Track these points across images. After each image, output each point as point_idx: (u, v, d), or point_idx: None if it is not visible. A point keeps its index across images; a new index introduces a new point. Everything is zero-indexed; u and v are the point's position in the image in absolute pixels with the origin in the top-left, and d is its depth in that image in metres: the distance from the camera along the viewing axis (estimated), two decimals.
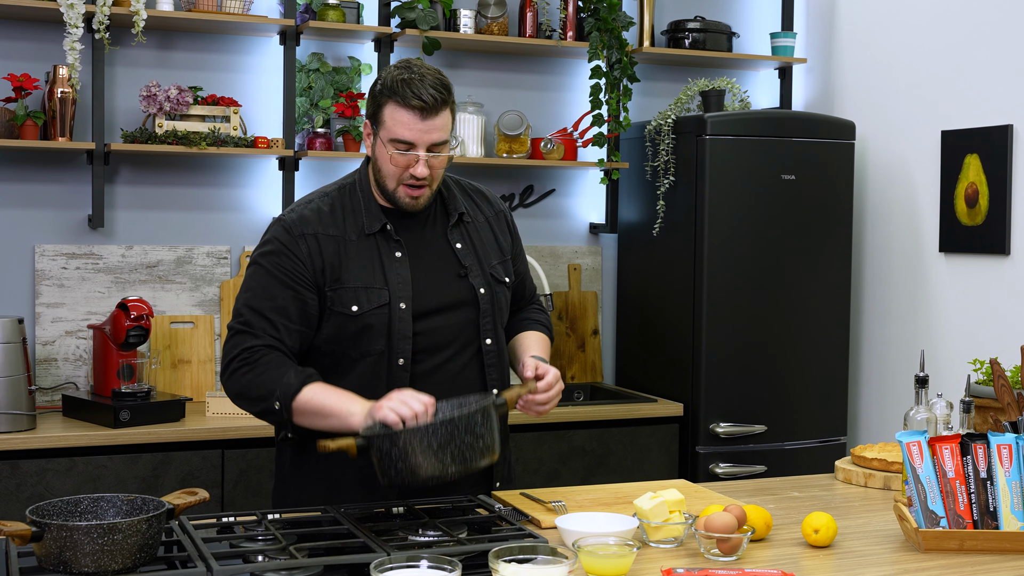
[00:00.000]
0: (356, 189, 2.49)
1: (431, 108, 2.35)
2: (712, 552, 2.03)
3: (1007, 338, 3.82)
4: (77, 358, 3.89)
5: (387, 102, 2.37)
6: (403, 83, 2.35)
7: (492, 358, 2.50)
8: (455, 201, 2.54)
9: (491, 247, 2.57)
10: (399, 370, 2.39)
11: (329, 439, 2.14)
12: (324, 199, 2.48)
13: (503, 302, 2.55)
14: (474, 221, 2.57)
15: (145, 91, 3.81)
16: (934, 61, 4.19)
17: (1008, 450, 2.13)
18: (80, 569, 1.76)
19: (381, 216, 2.45)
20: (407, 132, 2.35)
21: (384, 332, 2.38)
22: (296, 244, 2.39)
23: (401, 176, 2.39)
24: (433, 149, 2.38)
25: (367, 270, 2.40)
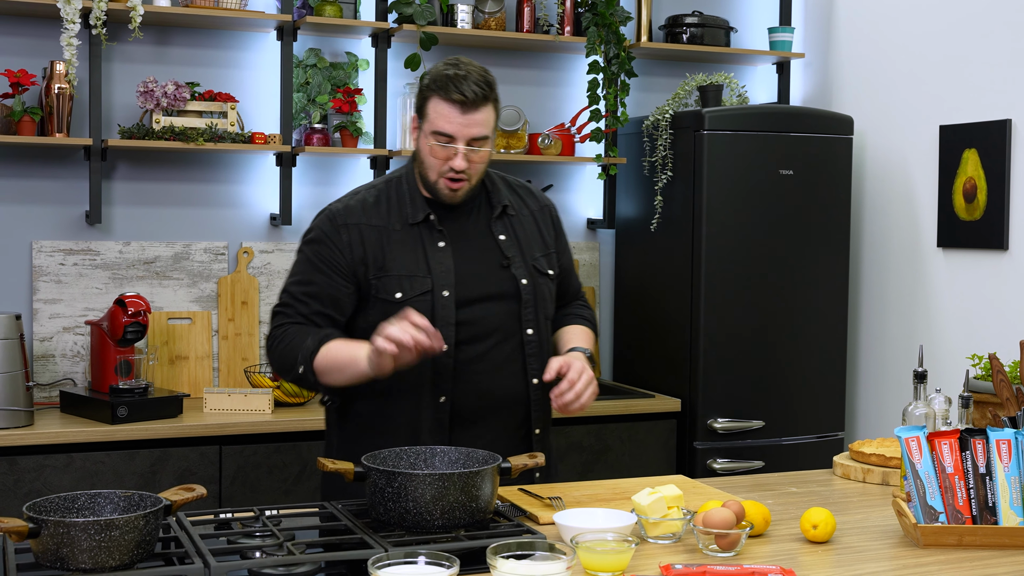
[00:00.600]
0: (403, 182, 2.58)
1: (472, 103, 2.43)
2: (710, 548, 2.03)
3: (1006, 333, 3.82)
4: (75, 354, 3.89)
5: (431, 96, 2.45)
6: (447, 78, 2.43)
7: (533, 348, 2.56)
8: (499, 194, 2.61)
9: (535, 240, 2.63)
10: (442, 357, 2.45)
11: (330, 460, 2.15)
12: (371, 191, 2.58)
13: (546, 294, 2.61)
14: (518, 214, 2.63)
15: (142, 87, 3.80)
16: (932, 56, 4.18)
17: (1007, 445, 2.13)
18: (77, 565, 1.75)
19: (425, 207, 2.53)
20: (447, 125, 2.43)
21: (429, 317, 2.42)
22: (337, 234, 2.50)
23: (441, 168, 2.47)
24: (473, 143, 2.46)
25: (410, 259, 2.49)
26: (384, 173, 4.19)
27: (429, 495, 2.01)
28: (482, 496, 2.06)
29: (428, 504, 2.01)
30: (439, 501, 2.01)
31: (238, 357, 4.06)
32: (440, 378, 2.47)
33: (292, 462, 3.60)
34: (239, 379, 4.04)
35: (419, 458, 2.23)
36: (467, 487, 2.03)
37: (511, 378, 2.54)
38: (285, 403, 3.80)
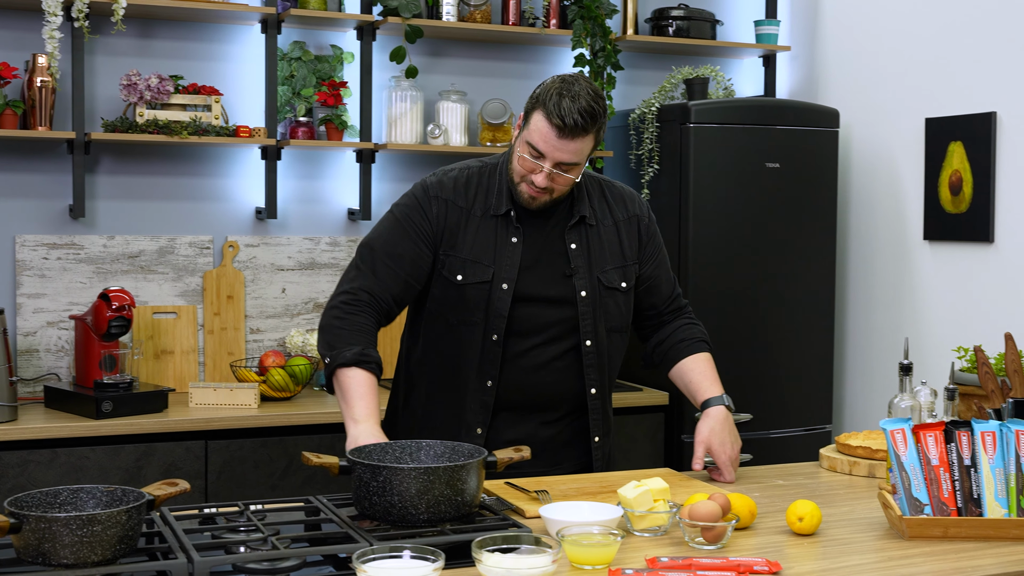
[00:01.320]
0: (496, 171, 2.63)
1: (570, 131, 2.45)
2: (697, 540, 2.02)
3: (991, 325, 3.82)
4: (59, 349, 3.87)
5: (538, 109, 2.49)
6: (557, 97, 2.45)
7: (591, 359, 2.63)
8: (583, 203, 2.64)
9: (611, 252, 2.66)
10: (492, 345, 2.56)
11: (314, 454, 2.15)
12: (464, 171, 2.65)
13: (612, 307, 2.65)
14: (599, 224, 2.66)
15: (125, 80, 3.78)
16: (918, 49, 4.19)
17: (992, 437, 2.13)
18: (59, 561, 1.74)
19: (509, 202, 2.59)
20: (541, 143, 2.48)
21: (482, 307, 2.55)
22: (429, 203, 2.59)
23: (524, 176, 2.53)
24: (561, 167, 2.49)
25: (480, 246, 2.57)
26: (369, 167, 4.18)
27: (414, 489, 2.00)
28: (467, 490, 2.05)
29: (413, 498, 2.00)
30: (424, 495, 2.00)
31: (224, 351, 4.04)
32: (489, 364, 2.57)
33: (278, 457, 3.59)
34: (225, 373, 4.02)
35: (404, 452, 2.22)
36: (452, 481, 2.02)
37: (563, 381, 2.62)
38: (271, 397, 3.79)
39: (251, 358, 4.05)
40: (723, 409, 2.61)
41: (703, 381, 2.68)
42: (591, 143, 2.50)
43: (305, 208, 4.21)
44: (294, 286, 4.17)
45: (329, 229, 4.25)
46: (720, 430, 2.57)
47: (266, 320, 4.13)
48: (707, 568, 1.87)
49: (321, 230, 4.23)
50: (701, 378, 2.68)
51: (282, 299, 4.15)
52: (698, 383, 2.68)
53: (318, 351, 2.63)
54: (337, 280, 4.20)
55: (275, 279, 4.15)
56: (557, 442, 2.66)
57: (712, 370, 2.71)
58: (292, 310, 4.17)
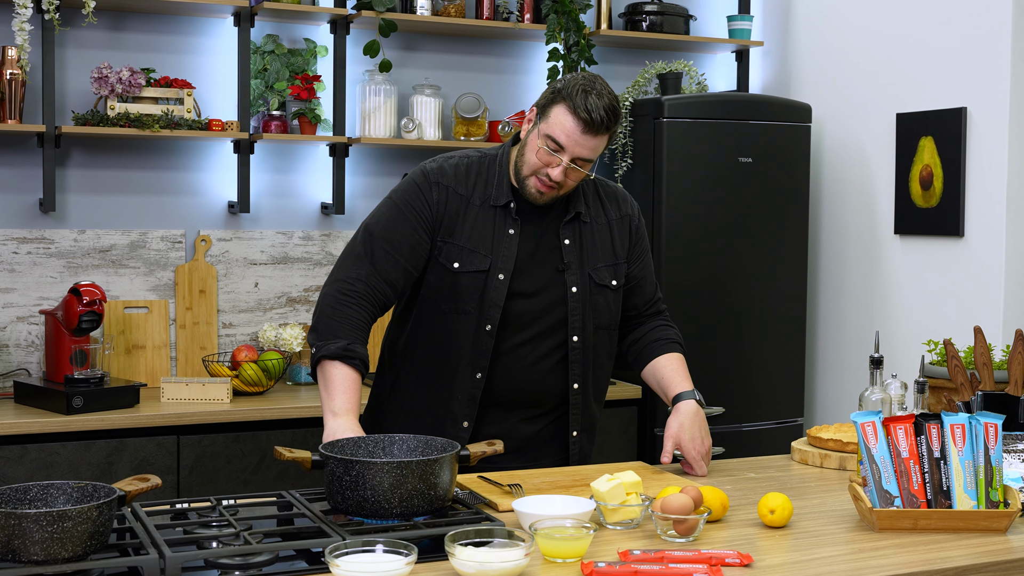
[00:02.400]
0: (495, 162, 2.63)
1: (594, 126, 2.46)
2: (669, 533, 2.03)
3: (961, 319, 3.85)
4: (29, 344, 3.84)
5: (561, 102, 2.48)
6: (583, 92, 2.47)
7: (577, 355, 2.63)
8: (578, 200, 2.65)
9: (603, 249, 2.67)
10: (485, 335, 2.56)
11: (287, 449, 2.14)
12: (464, 160, 2.64)
13: (602, 304, 2.66)
14: (593, 221, 2.67)
15: (96, 73, 3.76)
16: (889, 44, 4.21)
17: (961, 430, 2.14)
18: (29, 557, 1.73)
19: (509, 194, 2.59)
20: (563, 136, 2.47)
21: (477, 295, 2.55)
22: (429, 189, 2.57)
23: (538, 170, 2.52)
24: (577, 162, 2.49)
25: (478, 235, 2.56)
26: (343, 161, 4.17)
27: (387, 483, 2.00)
28: (440, 484, 2.05)
29: (386, 492, 2.00)
30: (397, 489, 2.00)
31: (196, 346, 4.03)
32: (480, 355, 2.57)
33: (251, 451, 3.58)
34: (197, 368, 4.01)
35: (377, 446, 2.22)
36: (425, 475, 2.02)
37: (550, 376, 2.63)
38: (244, 392, 3.77)
39: (223, 353, 4.03)
40: (693, 404, 2.62)
41: (674, 377, 2.69)
42: (607, 142, 2.52)
43: (278, 202, 4.19)
44: (267, 280, 4.16)
45: (302, 223, 4.23)
46: (690, 425, 2.58)
47: (239, 315, 4.12)
48: (679, 561, 1.88)
49: (294, 224, 4.22)
50: (672, 374, 2.69)
51: (255, 293, 4.14)
52: (669, 379, 2.69)
53: (307, 339, 2.60)
54: (308, 275, 4.19)
55: (248, 273, 4.13)
56: (539, 439, 2.67)
57: (683, 368, 2.72)
58: (265, 304, 4.15)
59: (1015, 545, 2.04)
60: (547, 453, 2.69)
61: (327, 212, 4.22)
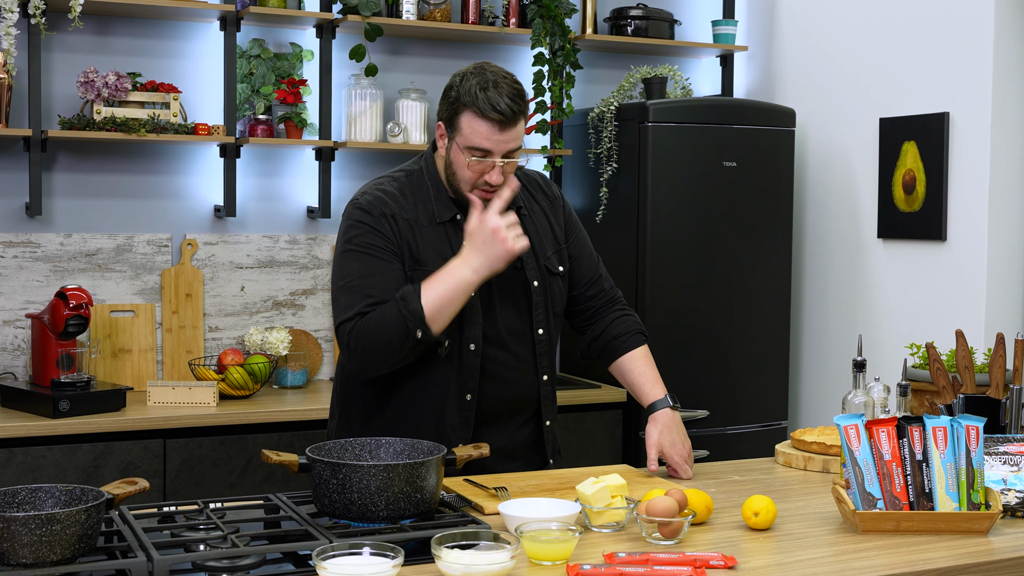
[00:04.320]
0: (424, 177, 2.56)
1: (510, 120, 2.42)
2: (653, 536, 2.04)
3: (943, 323, 3.88)
4: (15, 348, 3.84)
5: (464, 111, 2.43)
6: (482, 92, 2.41)
7: (543, 347, 2.62)
8: (514, 196, 2.58)
9: (547, 237, 2.65)
10: (471, 355, 2.51)
11: (274, 452, 2.14)
12: (393, 183, 2.56)
13: (557, 292, 2.64)
14: (531, 213, 2.64)
15: (83, 77, 3.76)
16: (872, 49, 4.24)
17: (943, 432, 2.16)
18: (18, 560, 1.73)
19: (452, 207, 2.54)
20: (485, 142, 2.43)
21: (456, 318, 2.45)
22: (379, 223, 2.48)
23: (476, 181, 2.47)
24: (507, 156, 2.45)
25: (442, 257, 2.47)
26: (329, 164, 4.17)
27: (374, 486, 2.01)
28: (427, 487, 2.06)
29: (373, 495, 2.01)
30: (384, 492, 2.01)
31: (182, 350, 4.03)
32: (468, 377, 2.52)
33: (237, 455, 3.58)
34: (183, 372, 4.01)
35: (364, 449, 2.23)
36: (412, 478, 2.03)
37: (525, 376, 2.61)
38: (230, 396, 3.78)
39: (210, 356, 4.04)
40: (668, 411, 2.61)
41: (644, 383, 2.67)
42: (524, 122, 2.48)
43: (264, 206, 4.20)
44: (253, 284, 4.16)
45: (288, 227, 4.24)
46: (669, 432, 2.58)
47: (225, 318, 4.12)
48: (664, 563, 1.89)
49: (280, 228, 4.22)
50: (643, 379, 2.67)
51: (241, 297, 4.14)
52: (640, 384, 2.67)
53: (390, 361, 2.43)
54: (294, 279, 4.19)
55: (234, 277, 4.13)
56: (520, 437, 2.66)
57: (651, 367, 2.70)
58: (251, 308, 4.16)
59: (996, 546, 2.06)
60: (524, 448, 2.67)
61: (313, 216, 4.22)
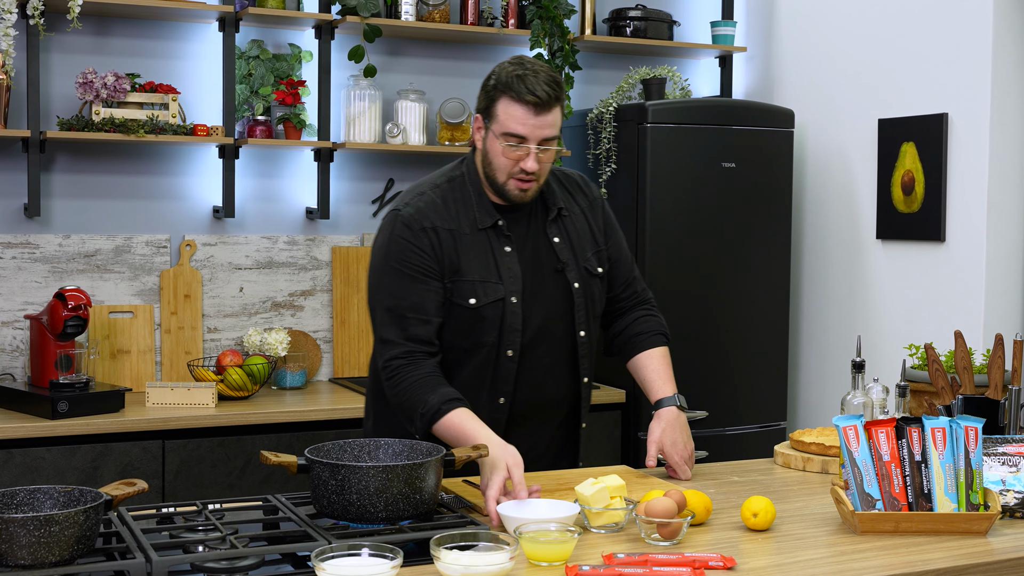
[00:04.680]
0: (466, 182, 2.56)
1: (544, 104, 2.42)
2: (652, 537, 2.05)
3: (942, 323, 3.88)
4: (14, 349, 3.84)
5: (501, 97, 2.45)
6: (518, 79, 2.42)
7: (585, 349, 2.62)
8: (554, 195, 2.62)
9: (586, 239, 2.65)
10: (507, 361, 2.52)
11: (273, 453, 2.14)
12: (436, 191, 2.55)
13: (596, 294, 2.65)
14: (571, 214, 2.65)
15: (81, 78, 3.76)
16: (871, 50, 4.24)
17: (942, 433, 2.16)
18: (16, 561, 1.73)
19: (493, 212, 2.54)
20: (520, 127, 2.43)
21: (496, 325, 2.49)
22: (419, 238, 2.48)
23: (512, 170, 2.48)
24: (543, 144, 2.46)
25: (483, 264, 2.50)
26: (328, 165, 4.17)
27: (373, 487, 2.01)
28: (426, 488, 2.06)
29: (372, 496, 2.01)
30: (383, 493, 2.01)
31: (181, 351, 4.03)
32: (502, 382, 2.54)
33: (236, 456, 3.58)
34: (182, 373, 4.01)
35: (363, 450, 2.23)
36: (411, 479, 2.03)
37: (563, 379, 2.62)
38: (229, 397, 3.77)
39: (208, 357, 4.03)
40: (674, 409, 2.62)
41: (656, 380, 2.68)
42: (561, 114, 2.49)
43: (263, 207, 4.20)
44: (252, 285, 4.16)
45: (287, 228, 4.24)
46: (672, 430, 2.59)
47: (224, 319, 4.12)
48: (663, 564, 1.89)
49: (279, 229, 4.22)
50: (655, 376, 2.68)
51: (240, 298, 4.14)
52: (651, 381, 2.68)
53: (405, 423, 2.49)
54: (293, 279, 4.19)
55: (233, 278, 4.13)
56: (557, 440, 2.67)
57: (666, 367, 2.71)
58: (250, 309, 4.15)
59: (995, 547, 2.06)
60: (557, 449, 2.68)
61: (312, 217, 4.22)
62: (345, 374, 4.26)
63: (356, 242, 4.31)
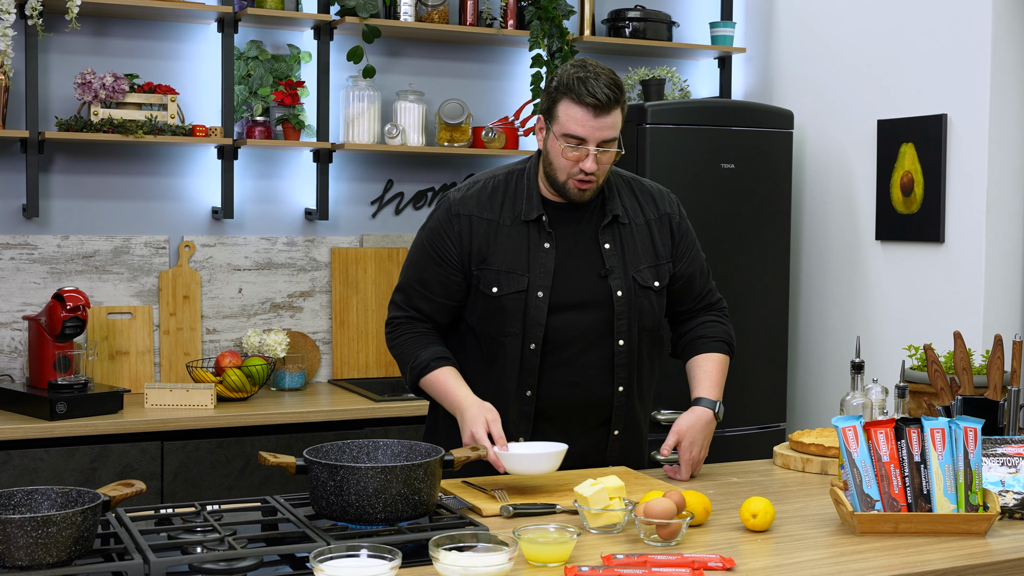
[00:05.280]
0: (524, 176, 2.62)
1: (604, 106, 2.45)
2: (652, 538, 2.04)
3: (941, 324, 3.88)
4: (12, 350, 3.83)
5: (562, 99, 2.49)
6: (579, 81, 2.46)
7: (622, 358, 2.62)
8: (614, 201, 2.63)
9: (644, 250, 2.65)
10: (530, 354, 2.56)
11: (271, 454, 2.14)
12: (490, 181, 2.64)
13: (646, 307, 2.63)
14: (631, 223, 2.65)
15: (80, 78, 3.76)
16: (870, 51, 4.24)
17: (941, 434, 2.16)
18: (14, 562, 1.73)
19: (540, 207, 2.58)
20: (579, 128, 2.46)
21: (519, 316, 2.54)
22: (451, 224, 2.58)
23: (571, 170, 2.51)
24: (602, 145, 2.48)
25: (512, 255, 2.56)
26: (327, 166, 4.17)
27: (371, 488, 2.01)
28: (424, 488, 2.06)
29: (370, 497, 2.01)
30: (381, 494, 2.01)
31: (180, 352, 4.02)
32: (527, 374, 2.57)
33: (235, 457, 3.58)
34: (181, 374, 4.00)
35: (362, 451, 2.22)
36: (409, 480, 2.03)
37: (596, 382, 2.62)
38: (228, 398, 3.77)
39: (207, 358, 4.03)
40: (710, 412, 2.61)
41: (704, 380, 2.67)
42: (621, 116, 2.51)
43: (262, 208, 4.19)
44: (251, 286, 4.16)
45: (286, 229, 4.23)
46: (697, 430, 2.58)
47: (222, 320, 4.12)
48: (662, 565, 1.89)
49: (278, 230, 4.22)
50: (704, 377, 2.68)
51: (239, 299, 4.14)
52: (700, 380, 2.68)
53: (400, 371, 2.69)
54: (291, 281, 4.19)
55: (231, 279, 4.13)
56: (587, 442, 2.66)
57: (719, 372, 2.70)
58: (249, 310, 4.15)
59: (994, 548, 2.06)
60: (585, 452, 2.65)
61: (311, 218, 4.22)
62: (344, 375, 4.26)
63: (355, 243, 4.31)
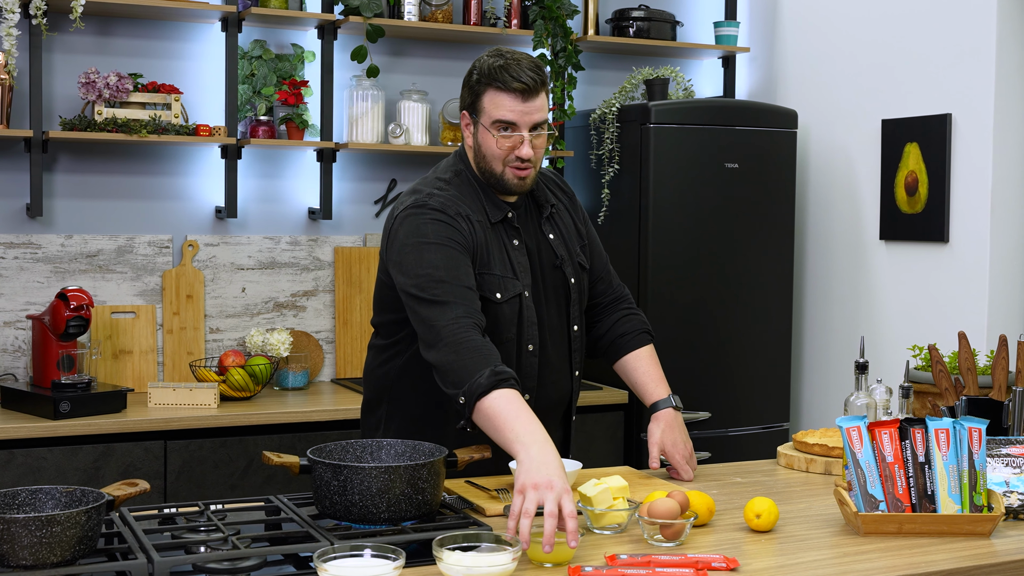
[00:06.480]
0: (471, 177, 2.53)
1: (532, 89, 2.42)
2: (655, 538, 2.04)
3: (945, 324, 3.88)
4: (16, 349, 3.84)
5: (486, 89, 2.44)
6: (502, 69, 2.42)
7: (577, 343, 2.64)
8: (544, 192, 2.63)
9: (573, 234, 2.67)
10: (528, 356, 2.52)
11: (275, 454, 2.14)
12: (449, 186, 2.49)
13: (585, 288, 2.67)
14: (558, 210, 2.65)
15: (84, 78, 3.76)
16: (875, 51, 4.23)
17: (945, 434, 2.16)
18: (18, 562, 1.73)
19: (503, 205, 2.53)
20: (509, 114, 2.42)
21: (515, 320, 2.49)
22: (456, 222, 2.42)
23: (507, 158, 2.46)
24: (533, 130, 2.45)
25: (501, 259, 2.49)
26: (330, 166, 4.17)
27: (375, 488, 2.00)
28: (428, 488, 2.06)
29: (374, 497, 2.01)
30: (385, 494, 2.01)
31: (183, 351, 4.02)
32: (526, 377, 2.53)
33: (238, 456, 3.58)
34: (184, 373, 4.00)
35: (365, 451, 2.22)
36: (413, 479, 2.03)
37: (562, 373, 2.62)
38: (231, 397, 3.77)
39: (211, 358, 4.03)
40: (671, 411, 2.62)
41: (648, 382, 2.68)
42: (547, 97, 2.48)
43: (265, 207, 4.19)
44: (254, 285, 4.16)
45: (289, 228, 4.23)
46: (671, 431, 2.59)
47: (226, 320, 4.12)
48: (666, 565, 1.89)
49: (281, 229, 4.22)
50: (646, 379, 2.68)
51: (242, 299, 4.14)
52: (644, 383, 2.68)
53: (448, 393, 2.29)
54: (295, 280, 4.19)
55: (235, 278, 4.13)
56: (559, 439, 2.65)
57: (656, 367, 2.70)
58: (252, 309, 4.15)
59: (999, 549, 2.06)
60: (561, 447, 2.66)
61: (314, 217, 4.22)
62: (347, 375, 4.25)
63: (359, 242, 4.31)
